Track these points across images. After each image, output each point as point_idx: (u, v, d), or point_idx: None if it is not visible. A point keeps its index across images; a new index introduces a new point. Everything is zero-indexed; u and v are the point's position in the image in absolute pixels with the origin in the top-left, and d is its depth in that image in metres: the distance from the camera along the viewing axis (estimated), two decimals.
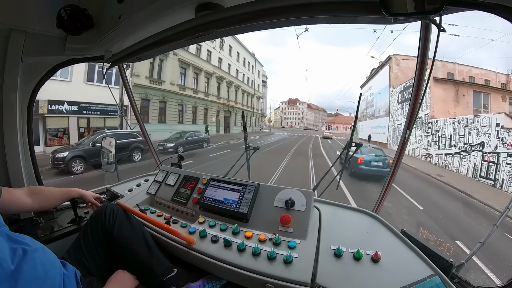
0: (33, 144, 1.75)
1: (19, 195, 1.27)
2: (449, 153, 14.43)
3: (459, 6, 0.82)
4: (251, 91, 44.30)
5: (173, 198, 1.71)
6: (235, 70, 36.43)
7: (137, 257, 1.29)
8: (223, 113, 33.31)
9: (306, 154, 18.02)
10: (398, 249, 1.19)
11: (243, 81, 40.29)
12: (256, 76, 47.40)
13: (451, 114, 16.37)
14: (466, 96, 17.53)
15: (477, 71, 19.53)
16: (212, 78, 29.53)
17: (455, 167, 13.69)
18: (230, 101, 34.98)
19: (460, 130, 13.69)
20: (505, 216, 1.21)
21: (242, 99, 40.11)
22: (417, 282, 0.97)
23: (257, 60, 46.66)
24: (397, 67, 26.31)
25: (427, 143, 17.27)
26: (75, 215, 1.66)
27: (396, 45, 29.33)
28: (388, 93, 26.65)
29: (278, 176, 10.04)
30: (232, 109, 35.59)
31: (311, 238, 1.25)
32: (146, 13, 1.23)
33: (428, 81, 1.24)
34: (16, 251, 0.82)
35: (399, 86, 23.95)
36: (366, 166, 10.26)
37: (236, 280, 1.17)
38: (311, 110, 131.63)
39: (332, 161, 11.57)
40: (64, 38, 1.57)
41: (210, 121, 29.26)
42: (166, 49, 1.54)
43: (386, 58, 28.25)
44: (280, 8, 0.99)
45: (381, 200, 1.59)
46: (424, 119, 18.06)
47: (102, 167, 2.30)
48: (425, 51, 1.18)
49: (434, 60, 1.09)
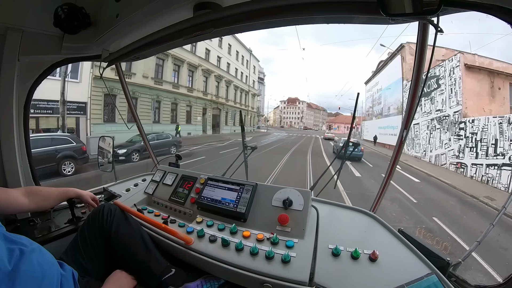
0: (29, 144, 1.74)
1: (15, 195, 1.26)
2: (493, 164, 10.65)
3: (456, 7, 0.82)
4: (245, 87, 40.98)
5: (171, 198, 1.71)
6: (226, 64, 33.49)
7: (134, 257, 1.29)
8: (211, 110, 30.12)
9: (303, 164, 13.65)
10: (396, 248, 1.19)
11: (236, 76, 37.04)
12: (251, 71, 44.14)
13: (486, 111, 13.19)
14: (502, 89, 14.09)
15: (498, 64, 15.35)
16: (197, 71, 26.53)
17: (502, 184, 9.89)
18: (220, 98, 31.79)
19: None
20: (502, 215, 1.22)
21: (234, 96, 37.01)
22: (414, 280, 0.98)
23: (252, 54, 43.80)
24: (412, 57, 21.39)
25: (458, 148, 13.52)
26: (72, 215, 1.65)
27: (400, 41, 26.49)
28: (400, 87, 23.41)
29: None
30: (222, 106, 32.57)
31: (309, 238, 1.26)
32: (144, 12, 1.22)
33: (425, 82, 1.24)
34: (13, 252, 0.82)
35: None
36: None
37: (234, 279, 1.17)
38: (311, 109, 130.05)
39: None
40: (61, 37, 1.56)
41: (194, 120, 26.46)
42: (164, 49, 1.54)
43: (398, 47, 24.91)
44: (278, 7, 0.99)
45: (379, 200, 1.60)
46: (453, 118, 14.53)
47: (99, 167, 2.29)
48: (422, 52, 1.19)
49: (432, 61, 1.10)
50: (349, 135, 1.75)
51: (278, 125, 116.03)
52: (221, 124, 32.57)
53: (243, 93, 40.72)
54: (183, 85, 24.33)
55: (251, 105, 45.51)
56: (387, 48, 25.75)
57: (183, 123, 24.23)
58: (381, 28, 13.42)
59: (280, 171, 11.22)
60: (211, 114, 30.24)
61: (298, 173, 11.39)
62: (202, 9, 1.17)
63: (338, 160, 1.97)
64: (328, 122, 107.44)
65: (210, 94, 29.38)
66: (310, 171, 12.04)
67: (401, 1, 0.75)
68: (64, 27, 1.44)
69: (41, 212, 1.64)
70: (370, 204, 1.61)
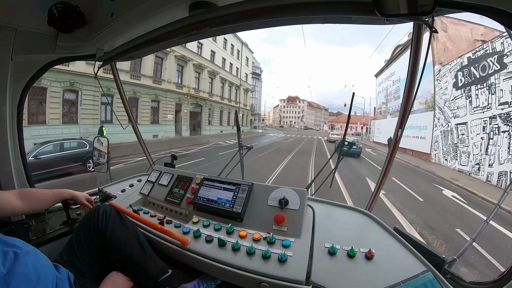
0: (23, 145, 1.72)
1: (9, 198, 1.24)
2: None
3: (451, 8, 0.83)
4: (235, 80, 35.25)
5: (167, 198, 1.70)
6: (210, 52, 28.14)
7: (131, 258, 1.28)
8: (188, 106, 24.43)
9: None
10: (391, 246, 1.20)
11: (224, 67, 31.44)
12: (244, 63, 38.46)
13: None
14: None
15: None
16: (169, 57, 21.37)
17: None
18: (201, 92, 26.18)
19: None
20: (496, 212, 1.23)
21: (222, 90, 31.56)
22: (410, 278, 0.99)
23: (244, 43, 38.79)
24: (445, 35, 16.92)
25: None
26: (67, 217, 1.63)
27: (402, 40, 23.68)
28: (430, 74, 17.30)
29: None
30: (204, 102, 27.08)
31: (305, 237, 1.26)
32: (139, 11, 1.21)
33: (420, 81, 1.25)
34: (7, 255, 0.81)
35: (455, 61, 15.03)
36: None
37: (231, 279, 1.17)
38: (311, 108, 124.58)
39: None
40: (55, 36, 1.54)
41: (164, 119, 21.22)
42: (159, 48, 1.53)
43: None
44: (274, 7, 1.00)
45: (374, 198, 1.61)
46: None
47: (94, 168, 2.27)
48: (417, 51, 1.20)
49: (426, 60, 1.11)
50: (344, 134, 1.77)
51: (278, 125, 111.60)
52: (202, 124, 27.38)
53: (232, 87, 35.36)
54: (146, 75, 19.68)
55: (243, 101, 40.24)
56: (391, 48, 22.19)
57: (146, 122, 19.19)
58: (382, 28, 10.49)
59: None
60: (188, 112, 24.73)
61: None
62: (197, 9, 1.16)
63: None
64: (330, 122, 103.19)
65: (187, 87, 23.96)
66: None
67: (396, 2, 0.76)
68: (58, 26, 1.43)
69: (36, 214, 1.63)
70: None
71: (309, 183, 1.74)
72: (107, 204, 1.48)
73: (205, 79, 27.04)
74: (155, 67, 20.64)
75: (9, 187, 1.56)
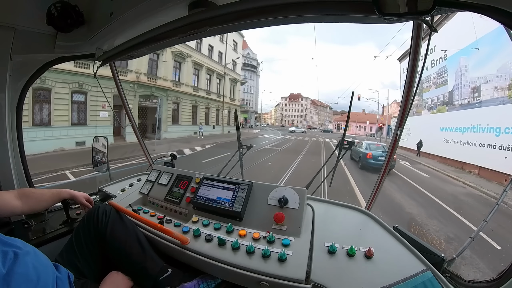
0: (23, 145, 1.72)
1: (8, 198, 1.24)
2: None
3: (450, 7, 0.83)
4: (216, 67, 27.30)
5: (166, 198, 1.70)
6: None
7: (130, 257, 1.28)
8: (136, 101, 17.77)
9: None
10: (391, 245, 1.21)
11: (198, 49, 24.14)
12: (230, 48, 30.18)
13: None
14: None
15: None
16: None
17: None
18: (158, 79, 19.43)
19: None
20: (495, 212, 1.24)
21: (196, 79, 24.37)
22: (409, 277, 0.99)
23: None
24: None
25: None
26: (67, 217, 1.63)
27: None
28: (507, 41, 3.49)
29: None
30: (164, 92, 20.15)
31: (304, 236, 1.26)
32: (138, 10, 1.21)
33: (419, 81, 1.25)
34: (7, 255, 0.81)
35: None
36: (374, 160, 12.04)
37: (231, 278, 1.17)
38: (315, 106, 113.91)
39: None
40: (54, 36, 1.53)
41: (93, 118, 14.92)
42: (158, 47, 1.53)
43: None
44: (274, 6, 0.99)
45: (373, 197, 1.61)
46: None
47: (94, 167, 2.27)
48: (417, 50, 1.20)
49: (426, 59, 1.11)
50: (344, 133, 1.77)
51: (279, 124, 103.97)
52: (163, 123, 20.07)
53: (212, 75, 27.29)
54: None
55: (229, 95, 31.50)
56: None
57: (64, 123, 13.64)
58: (384, 26, 8.65)
59: None
60: (136, 107, 17.84)
61: None
62: (197, 8, 1.16)
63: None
64: (336, 121, 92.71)
65: (136, 73, 17.56)
66: None
67: (395, 1, 0.76)
68: (57, 25, 1.42)
69: (35, 214, 1.63)
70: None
71: (309, 183, 1.74)
72: (107, 204, 1.48)
73: (165, 61, 20.42)
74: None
75: (8, 187, 1.56)
